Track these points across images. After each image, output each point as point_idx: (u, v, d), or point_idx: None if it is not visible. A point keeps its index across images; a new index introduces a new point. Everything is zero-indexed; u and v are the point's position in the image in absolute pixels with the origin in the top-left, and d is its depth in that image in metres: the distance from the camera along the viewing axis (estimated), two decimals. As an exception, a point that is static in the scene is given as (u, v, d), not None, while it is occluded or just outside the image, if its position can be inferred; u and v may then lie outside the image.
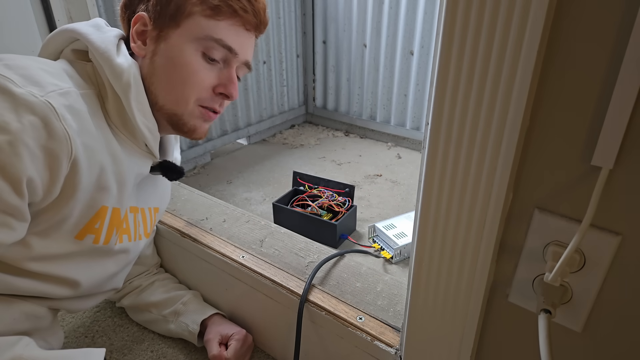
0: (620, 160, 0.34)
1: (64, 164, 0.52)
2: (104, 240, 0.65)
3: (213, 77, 0.64)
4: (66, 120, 0.51)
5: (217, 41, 0.62)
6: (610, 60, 0.32)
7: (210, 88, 0.64)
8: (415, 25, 1.79)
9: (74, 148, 0.52)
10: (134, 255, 0.77)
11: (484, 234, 0.42)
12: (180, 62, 0.61)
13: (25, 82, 0.50)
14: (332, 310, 0.67)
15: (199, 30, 0.61)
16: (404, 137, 2.00)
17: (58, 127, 0.50)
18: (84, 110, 0.56)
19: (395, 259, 1.19)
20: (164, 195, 0.85)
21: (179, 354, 0.84)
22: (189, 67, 0.61)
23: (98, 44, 0.59)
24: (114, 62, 0.59)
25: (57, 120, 0.50)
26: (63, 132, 0.51)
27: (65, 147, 0.51)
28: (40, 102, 0.49)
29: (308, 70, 2.24)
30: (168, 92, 0.63)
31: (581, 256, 0.39)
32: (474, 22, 0.35)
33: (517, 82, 0.35)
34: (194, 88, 0.63)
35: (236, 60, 0.65)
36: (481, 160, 0.39)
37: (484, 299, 0.46)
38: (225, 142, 1.86)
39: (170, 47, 0.61)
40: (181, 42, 0.61)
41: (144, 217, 0.76)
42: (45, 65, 0.56)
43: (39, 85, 0.51)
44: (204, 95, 0.64)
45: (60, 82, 0.54)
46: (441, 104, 0.40)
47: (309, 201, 1.32)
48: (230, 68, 0.65)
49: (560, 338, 0.44)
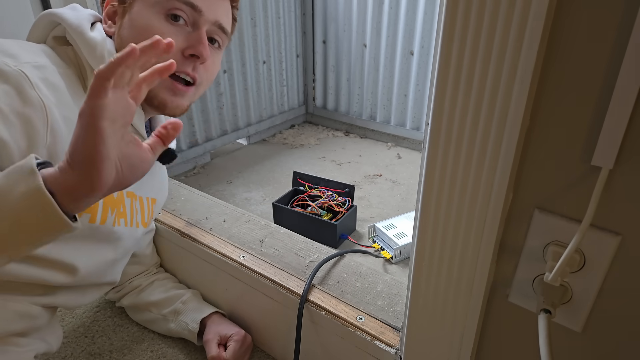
0: (620, 161, 0.34)
1: (41, 131, 0.51)
2: (101, 219, 0.64)
3: (180, 39, 0.61)
4: (40, 89, 0.51)
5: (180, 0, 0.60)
6: (611, 60, 0.32)
7: (178, 51, 0.61)
8: (415, 26, 1.79)
9: (49, 117, 0.51)
10: (131, 244, 0.76)
11: (484, 234, 0.42)
12: (143, 27, 0.60)
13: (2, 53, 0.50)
14: (332, 310, 0.67)
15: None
16: (404, 137, 2.00)
17: (32, 94, 0.50)
18: (61, 85, 0.55)
19: (395, 259, 1.19)
20: (162, 188, 0.85)
21: (179, 354, 0.84)
22: (152, 30, 0.59)
23: (72, 21, 0.60)
24: (87, 35, 0.60)
25: (31, 88, 0.50)
26: (37, 99, 0.50)
27: (40, 114, 0.51)
28: (13, 71, 0.49)
29: (308, 70, 2.24)
30: None
31: (581, 256, 0.39)
32: (474, 22, 0.35)
33: (517, 82, 0.35)
34: None
35: (204, 21, 0.62)
36: (481, 160, 0.39)
37: (484, 299, 0.46)
38: (225, 142, 1.86)
39: (133, 17, 0.61)
40: (142, 9, 0.60)
41: (142, 206, 0.76)
42: (24, 44, 0.57)
43: (13, 57, 0.51)
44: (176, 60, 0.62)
45: (37, 57, 0.55)
46: (441, 104, 0.40)
47: (309, 201, 1.32)
48: (199, 30, 0.62)
49: (560, 338, 0.44)
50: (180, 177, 1.67)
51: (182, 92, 0.64)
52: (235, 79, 1.81)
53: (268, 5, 1.86)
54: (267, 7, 1.86)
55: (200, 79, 0.65)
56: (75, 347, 0.85)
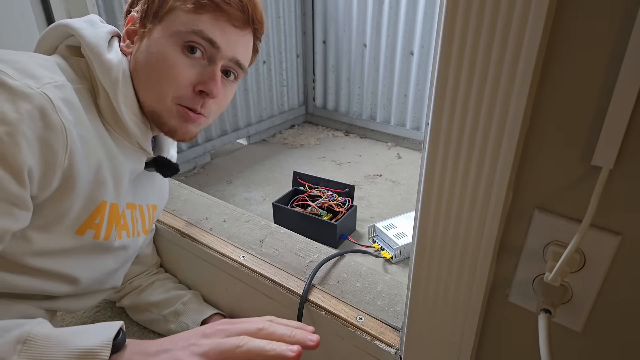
0: (620, 160, 0.34)
1: (59, 156, 0.52)
2: (104, 236, 0.65)
3: (193, 73, 0.60)
4: (62, 112, 0.52)
5: (196, 33, 0.59)
6: (611, 59, 0.32)
7: (189, 86, 0.61)
8: (415, 25, 1.79)
9: (69, 139, 0.52)
10: (132, 252, 0.77)
11: (484, 233, 0.42)
12: (159, 55, 0.59)
13: (21, 76, 0.50)
14: (332, 310, 0.67)
15: (179, 23, 0.59)
16: (404, 137, 2.00)
17: (54, 118, 0.50)
18: (78, 104, 0.56)
19: (395, 259, 1.19)
20: (162, 193, 0.85)
21: (179, 354, 0.84)
22: (167, 60, 0.59)
23: (89, 39, 0.60)
24: (104, 57, 0.59)
25: (54, 111, 0.50)
26: (59, 123, 0.51)
27: (61, 138, 0.51)
28: (36, 94, 0.49)
29: (308, 70, 2.24)
30: (147, 88, 0.62)
31: (581, 256, 0.39)
32: (474, 22, 0.35)
33: (517, 82, 0.35)
34: (170, 83, 0.60)
35: (221, 57, 0.61)
36: (481, 160, 0.39)
37: (484, 298, 0.46)
38: (225, 142, 1.86)
39: (151, 43, 0.60)
40: (161, 37, 0.60)
41: (142, 214, 0.76)
42: (39, 59, 0.57)
43: (35, 78, 0.51)
44: (182, 93, 0.61)
45: (55, 75, 0.55)
46: (441, 104, 0.40)
47: (309, 201, 1.32)
48: (214, 65, 0.61)
49: (560, 338, 0.44)
50: (180, 177, 1.67)
51: (193, 120, 0.64)
52: (235, 79, 1.81)
53: (268, 5, 1.86)
54: (267, 7, 1.86)
55: (209, 112, 0.65)
56: (75, 347, 0.85)
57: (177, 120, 0.63)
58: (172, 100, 0.61)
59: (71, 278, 0.65)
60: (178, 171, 0.74)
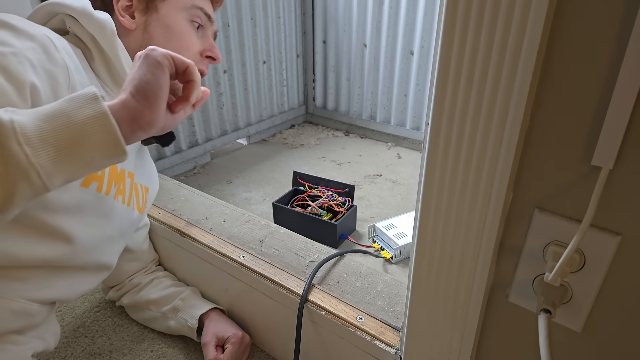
0: (620, 161, 0.34)
1: (64, 91, 0.54)
2: (106, 190, 0.66)
3: (200, 43, 0.72)
4: (64, 53, 0.54)
5: (200, 9, 0.71)
6: (611, 59, 0.32)
7: (198, 53, 0.72)
8: (415, 25, 1.79)
9: (71, 77, 0.54)
10: (127, 225, 0.76)
11: (484, 233, 0.42)
12: (177, 30, 0.69)
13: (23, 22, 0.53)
14: (332, 310, 0.67)
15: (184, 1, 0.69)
16: (404, 137, 2.00)
17: (57, 56, 0.53)
18: (74, 56, 0.59)
19: (395, 258, 1.19)
20: (152, 178, 0.87)
21: (178, 354, 0.84)
22: (185, 34, 0.69)
23: (75, 5, 0.63)
24: (94, 15, 0.62)
25: (56, 51, 0.53)
26: (62, 61, 0.54)
27: (64, 74, 0.54)
28: (40, 34, 0.52)
29: (308, 70, 2.24)
30: None
31: (581, 256, 0.39)
32: (474, 22, 0.35)
33: (517, 82, 0.35)
34: (188, 54, 0.70)
35: (211, 28, 0.74)
36: (481, 160, 0.39)
37: (484, 298, 0.46)
38: (225, 142, 1.86)
39: (164, 17, 0.68)
40: (173, 12, 0.68)
41: (137, 191, 0.78)
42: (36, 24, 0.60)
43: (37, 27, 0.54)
44: (195, 59, 0.71)
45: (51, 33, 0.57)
46: (441, 104, 0.40)
47: (309, 201, 1.32)
48: (207, 34, 0.74)
49: (560, 338, 0.44)
50: (180, 177, 1.67)
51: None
52: (235, 79, 1.81)
53: (268, 5, 1.86)
54: (267, 7, 1.86)
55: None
56: (75, 347, 0.85)
57: None
58: None
59: (67, 236, 0.62)
60: (174, 138, 0.79)
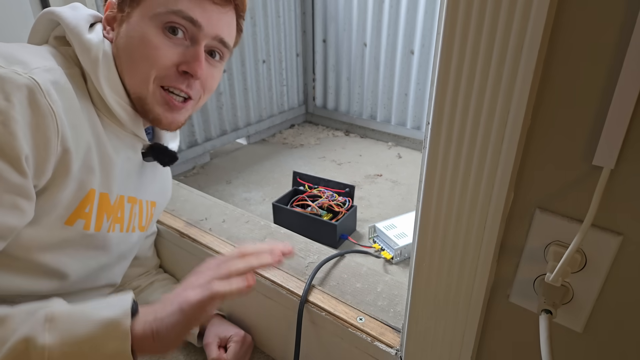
0: (621, 160, 0.34)
1: (52, 142, 0.51)
2: (95, 227, 0.63)
3: (175, 53, 0.59)
4: (51, 96, 0.51)
5: (176, 13, 0.58)
6: (612, 59, 0.32)
7: (172, 66, 0.60)
8: (415, 24, 1.78)
9: (59, 124, 0.52)
10: (125, 248, 0.74)
11: (485, 234, 0.42)
12: (139, 39, 0.58)
13: (8, 63, 0.50)
14: (332, 311, 0.67)
15: (158, 5, 0.58)
16: (404, 136, 2.00)
17: (43, 103, 0.50)
18: (69, 87, 0.55)
19: (396, 259, 1.18)
20: (164, 191, 0.83)
21: (178, 355, 0.83)
22: (148, 43, 0.58)
23: (69, 20, 0.60)
24: (83, 37, 0.59)
25: (42, 96, 0.50)
26: (48, 108, 0.50)
27: (52, 124, 0.51)
28: (24, 79, 0.49)
29: (308, 70, 2.23)
30: (131, 73, 0.61)
31: (582, 256, 0.39)
32: (475, 21, 0.35)
33: (518, 81, 0.35)
34: (152, 65, 0.59)
35: (203, 36, 0.60)
36: (482, 160, 0.39)
37: (484, 299, 0.46)
38: (224, 142, 1.86)
39: (131, 27, 0.59)
40: (140, 20, 0.59)
41: (140, 210, 0.74)
42: (29, 48, 0.57)
43: (22, 64, 0.51)
44: (164, 73, 0.60)
45: (45, 61, 0.55)
46: (442, 104, 0.40)
47: (309, 201, 1.32)
48: (197, 45, 0.60)
49: (561, 338, 0.44)
50: (180, 177, 1.67)
51: (178, 108, 0.63)
52: (235, 78, 1.81)
53: (268, 5, 1.85)
54: (267, 6, 1.85)
55: (196, 94, 0.64)
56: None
57: (162, 108, 0.62)
58: (155, 82, 0.60)
59: (60, 273, 0.62)
60: (176, 159, 0.72)
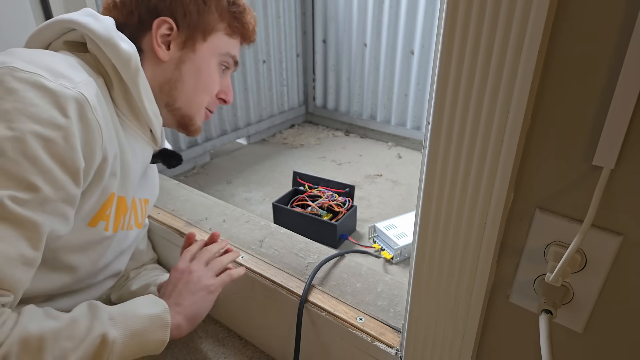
0: (621, 160, 0.34)
1: (97, 154, 0.54)
2: (113, 228, 0.65)
3: (219, 84, 0.73)
4: (97, 111, 0.54)
5: (232, 57, 0.72)
6: (612, 59, 0.32)
7: (214, 94, 0.73)
8: (415, 25, 1.78)
9: (104, 138, 0.55)
10: (125, 245, 0.76)
11: (485, 234, 0.42)
12: (207, 74, 0.70)
13: (54, 77, 0.51)
14: (332, 311, 0.67)
15: (222, 46, 0.70)
16: (404, 136, 2.00)
17: (92, 118, 0.53)
18: (103, 99, 0.58)
19: (396, 259, 1.18)
20: (154, 187, 0.85)
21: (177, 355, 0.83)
22: (213, 78, 0.71)
23: (100, 32, 0.59)
24: (120, 48, 0.59)
25: (91, 111, 0.53)
26: (96, 123, 0.53)
27: (98, 137, 0.54)
28: (75, 94, 0.51)
29: (308, 70, 2.23)
30: (190, 97, 0.70)
31: (582, 256, 0.39)
32: (475, 21, 0.35)
33: (518, 81, 0.35)
34: (209, 95, 0.72)
35: (233, 69, 0.76)
36: (482, 160, 0.39)
37: (484, 299, 0.46)
38: (224, 142, 1.86)
39: (199, 58, 0.68)
40: (209, 56, 0.69)
41: (135, 208, 0.76)
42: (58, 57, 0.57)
43: (67, 78, 0.52)
44: (212, 101, 0.73)
45: (80, 73, 0.56)
46: (442, 104, 0.40)
47: (309, 201, 1.32)
48: (227, 76, 0.74)
49: (561, 338, 0.44)
50: (180, 177, 1.67)
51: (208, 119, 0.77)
52: (235, 78, 1.81)
53: (268, 5, 1.85)
54: (267, 6, 1.85)
55: None
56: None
57: (202, 120, 0.74)
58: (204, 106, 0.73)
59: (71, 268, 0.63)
60: (182, 161, 0.78)
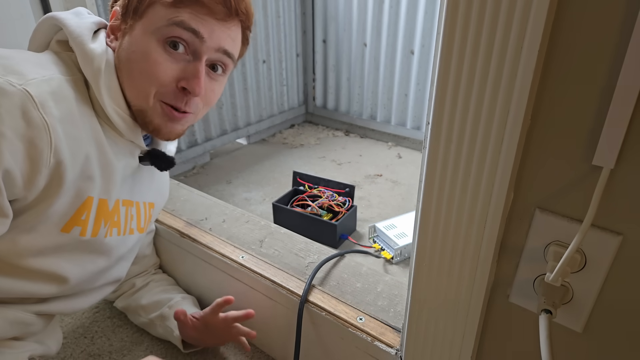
0: (621, 160, 0.34)
1: (44, 154, 0.51)
2: (92, 233, 0.63)
3: (176, 69, 0.59)
4: (45, 108, 0.51)
5: (178, 24, 0.56)
6: (612, 59, 0.32)
7: (172, 82, 0.59)
8: (415, 24, 1.78)
9: (53, 137, 0.51)
10: (125, 250, 0.74)
11: (485, 234, 0.42)
12: (140, 53, 0.58)
13: (4, 72, 0.50)
14: (332, 311, 0.67)
15: (159, 18, 0.57)
16: (404, 136, 2.00)
17: (35, 115, 0.50)
18: (69, 96, 0.55)
19: (396, 259, 1.18)
20: (162, 191, 0.83)
21: (177, 355, 0.83)
22: (148, 58, 0.57)
23: (73, 29, 0.59)
24: (86, 46, 0.58)
25: (35, 109, 0.50)
26: (41, 120, 0.50)
27: (44, 136, 0.50)
28: (17, 91, 0.49)
29: (308, 70, 2.23)
30: (131, 86, 0.60)
31: (582, 256, 0.39)
32: (475, 21, 0.35)
33: (518, 81, 0.35)
34: (153, 81, 0.58)
35: (206, 49, 0.59)
36: (482, 160, 0.39)
37: (484, 299, 0.46)
38: (224, 141, 1.86)
39: (132, 40, 0.59)
40: (142, 34, 0.58)
41: (138, 212, 0.74)
42: (29, 55, 0.56)
43: (19, 74, 0.51)
44: (164, 90, 0.59)
45: (44, 70, 0.54)
46: (442, 104, 0.40)
47: (309, 201, 1.32)
48: (199, 61, 0.59)
49: (561, 338, 0.44)
50: (180, 177, 1.67)
51: (178, 119, 0.63)
52: (235, 78, 1.81)
53: (268, 5, 1.85)
54: (267, 6, 1.85)
55: (195, 109, 0.64)
56: (75, 348, 0.85)
57: (162, 118, 0.62)
58: (156, 97, 0.60)
59: (59, 277, 0.63)
60: (174, 164, 0.72)
